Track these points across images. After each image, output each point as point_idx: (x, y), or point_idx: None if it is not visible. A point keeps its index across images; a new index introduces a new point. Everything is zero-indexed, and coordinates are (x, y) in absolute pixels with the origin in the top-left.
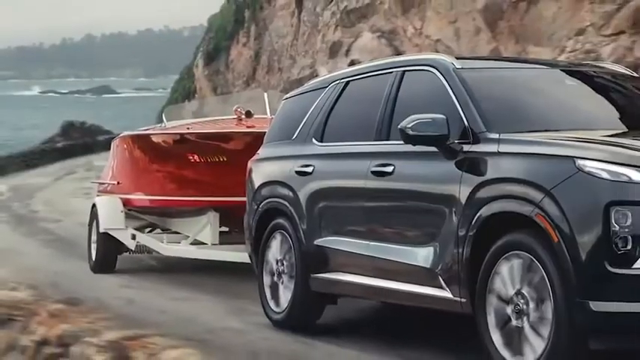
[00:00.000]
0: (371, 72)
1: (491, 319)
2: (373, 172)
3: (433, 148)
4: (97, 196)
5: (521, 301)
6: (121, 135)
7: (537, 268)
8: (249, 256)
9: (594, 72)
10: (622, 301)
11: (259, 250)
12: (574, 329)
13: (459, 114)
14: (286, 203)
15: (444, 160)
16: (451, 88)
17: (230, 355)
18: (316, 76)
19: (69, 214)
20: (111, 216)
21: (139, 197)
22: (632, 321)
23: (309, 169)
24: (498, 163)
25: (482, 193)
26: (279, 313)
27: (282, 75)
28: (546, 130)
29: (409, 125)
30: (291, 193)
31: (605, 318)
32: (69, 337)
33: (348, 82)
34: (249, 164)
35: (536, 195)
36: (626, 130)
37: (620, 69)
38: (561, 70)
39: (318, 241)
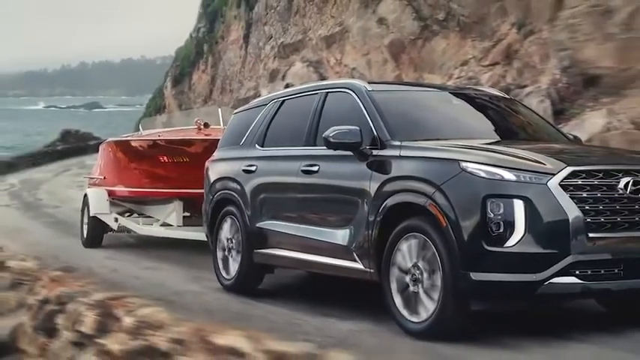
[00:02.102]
0: (301, 93)
1: (394, 286)
2: (303, 171)
3: (349, 153)
4: (88, 187)
5: (417, 271)
6: (107, 140)
7: (430, 246)
8: (206, 236)
9: (475, 94)
10: (495, 272)
11: (214, 230)
12: (458, 294)
13: (370, 126)
14: (235, 194)
15: (358, 162)
16: (364, 106)
17: (191, 312)
18: (259, 96)
19: (66, 201)
20: (99, 203)
21: (121, 189)
22: (504, 287)
23: (253, 168)
24: (400, 164)
25: (388, 188)
26: (229, 279)
27: (232, 95)
28: (437, 139)
29: (331, 134)
30: (239, 187)
31: (483, 285)
32: (65, 297)
33: (284, 101)
34: (207, 164)
35: (429, 189)
36: (499, 139)
37: (495, 92)
38: (449, 92)
39: (259, 224)
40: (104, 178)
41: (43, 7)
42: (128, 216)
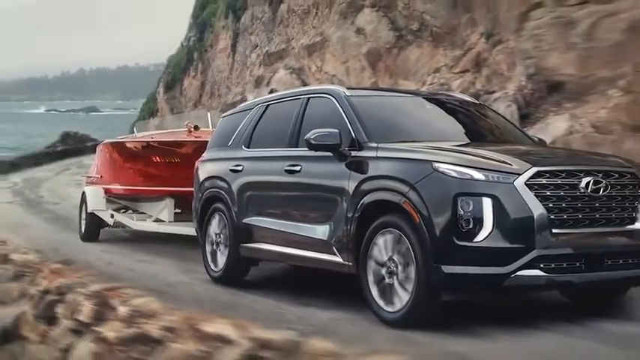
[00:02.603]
0: (285, 98)
1: (370, 278)
2: (286, 171)
3: (329, 154)
4: (86, 186)
5: (393, 264)
6: (104, 142)
7: (404, 241)
8: (196, 231)
9: (447, 99)
10: (465, 265)
11: (203, 226)
12: (430, 285)
13: (349, 128)
14: (223, 192)
15: (337, 162)
16: (343, 110)
17: (181, 302)
18: (245, 100)
19: (65, 198)
20: (96, 200)
21: (116, 187)
22: (473, 279)
23: (240, 168)
24: (377, 164)
25: (365, 186)
26: (217, 272)
27: (220, 99)
28: (412, 141)
29: (312, 136)
30: (226, 185)
31: (453, 277)
32: (65, 288)
33: (268, 105)
34: (197, 164)
35: (403, 188)
36: (469, 141)
37: (465, 97)
38: (423, 97)
39: (245, 220)
40: (101, 177)
41: (44, 17)
42: (123, 212)
